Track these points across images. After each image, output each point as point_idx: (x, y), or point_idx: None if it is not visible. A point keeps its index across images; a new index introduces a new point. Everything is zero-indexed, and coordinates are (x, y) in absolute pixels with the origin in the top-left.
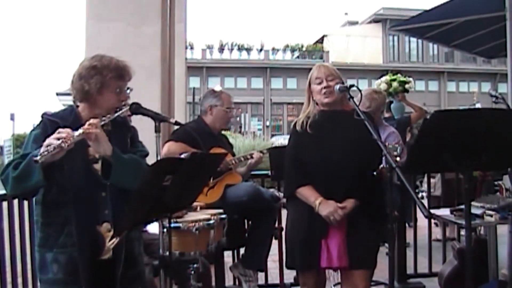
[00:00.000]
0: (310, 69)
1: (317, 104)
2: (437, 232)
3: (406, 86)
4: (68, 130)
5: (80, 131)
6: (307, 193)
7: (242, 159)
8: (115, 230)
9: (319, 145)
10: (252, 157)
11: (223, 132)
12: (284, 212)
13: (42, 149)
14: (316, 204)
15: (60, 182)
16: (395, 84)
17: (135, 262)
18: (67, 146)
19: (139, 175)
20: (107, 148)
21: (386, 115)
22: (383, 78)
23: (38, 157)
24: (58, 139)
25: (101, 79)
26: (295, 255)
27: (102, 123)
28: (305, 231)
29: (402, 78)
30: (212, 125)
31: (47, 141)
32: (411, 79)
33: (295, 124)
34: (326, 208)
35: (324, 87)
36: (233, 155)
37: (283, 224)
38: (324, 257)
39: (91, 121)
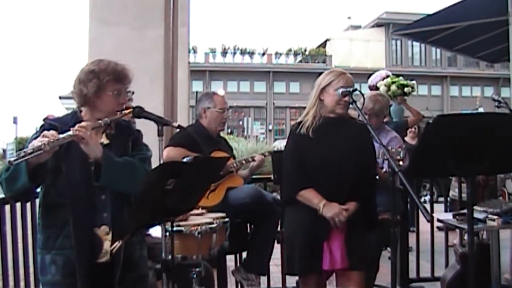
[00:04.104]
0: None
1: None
2: (440, 237)
3: (406, 89)
4: (53, 132)
5: (69, 133)
6: (310, 196)
7: (244, 162)
8: (116, 234)
9: (321, 149)
10: (254, 160)
11: (221, 134)
12: None
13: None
14: (320, 206)
15: (59, 184)
16: (393, 87)
17: (136, 266)
18: (49, 148)
19: (134, 178)
20: (97, 151)
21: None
22: (384, 81)
23: (13, 158)
24: (41, 141)
25: (98, 83)
26: (295, 259)
27: (94, 126)
28: (306, 234)
29: (402, 81)
30: (208, 127)
31: (31, 143)
32: (413, 82)
33: (296, 126)
34: (330, 210)
35: (345, 101)
36: (234, 157)
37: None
38: (327, 259)
39: (82, 123)
